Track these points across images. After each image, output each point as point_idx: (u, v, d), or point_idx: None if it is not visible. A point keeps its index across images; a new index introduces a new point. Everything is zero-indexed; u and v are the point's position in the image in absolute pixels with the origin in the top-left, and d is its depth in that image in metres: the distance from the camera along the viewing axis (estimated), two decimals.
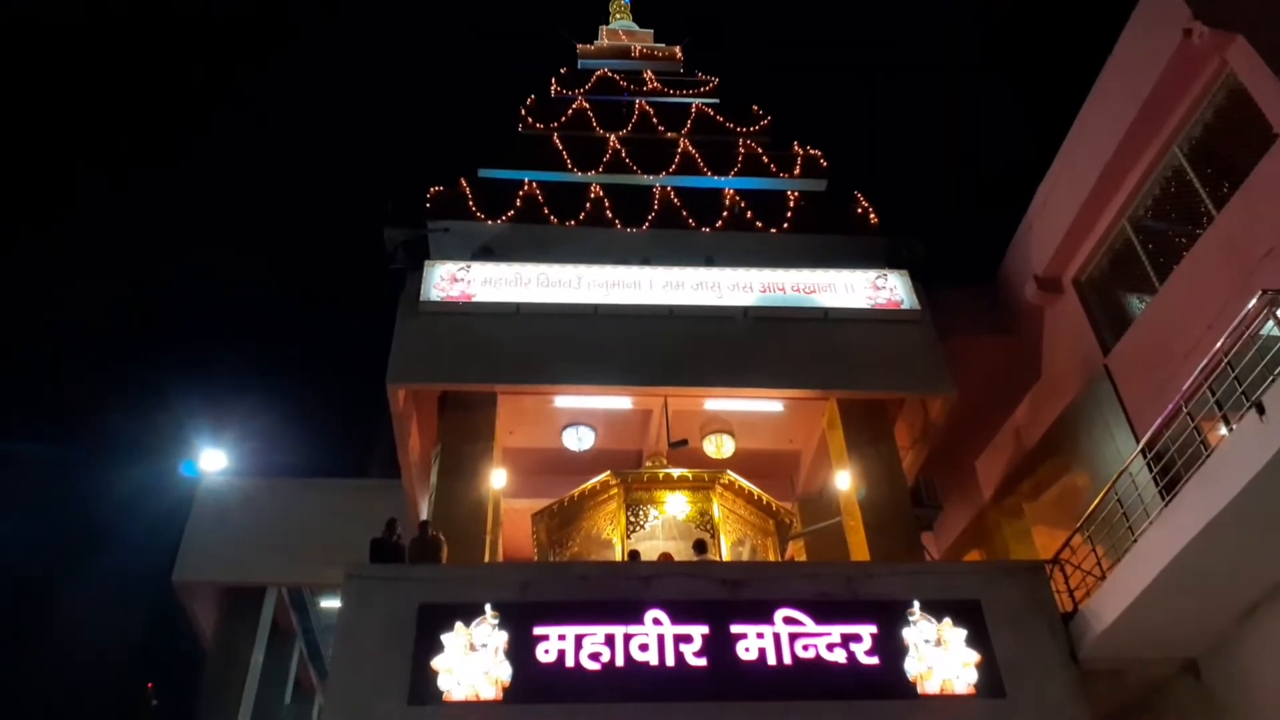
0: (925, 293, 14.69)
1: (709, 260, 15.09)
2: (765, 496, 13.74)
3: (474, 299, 14.18)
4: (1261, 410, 7.83)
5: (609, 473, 13.55)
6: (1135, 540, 9.51)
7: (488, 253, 15.10)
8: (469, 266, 14.59)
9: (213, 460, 17.20)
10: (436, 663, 9.61)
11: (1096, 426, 12.92)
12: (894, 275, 14.88)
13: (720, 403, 14.34)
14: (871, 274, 14.89)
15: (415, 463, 14.57)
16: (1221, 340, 8.79)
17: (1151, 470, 10.07)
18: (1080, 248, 13.73)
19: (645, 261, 14.95)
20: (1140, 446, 10.33)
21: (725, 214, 16.52)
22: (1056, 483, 14.09)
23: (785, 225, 16.40)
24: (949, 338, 14.30)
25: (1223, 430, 8.82)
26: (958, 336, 14.68)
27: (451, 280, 14.38)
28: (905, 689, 9.64)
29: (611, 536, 13.33)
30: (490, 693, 9.49)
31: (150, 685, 23.07)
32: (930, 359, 13.93)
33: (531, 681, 9.59)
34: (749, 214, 16.53)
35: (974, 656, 9.83)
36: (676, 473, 13.59)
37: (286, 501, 16.71)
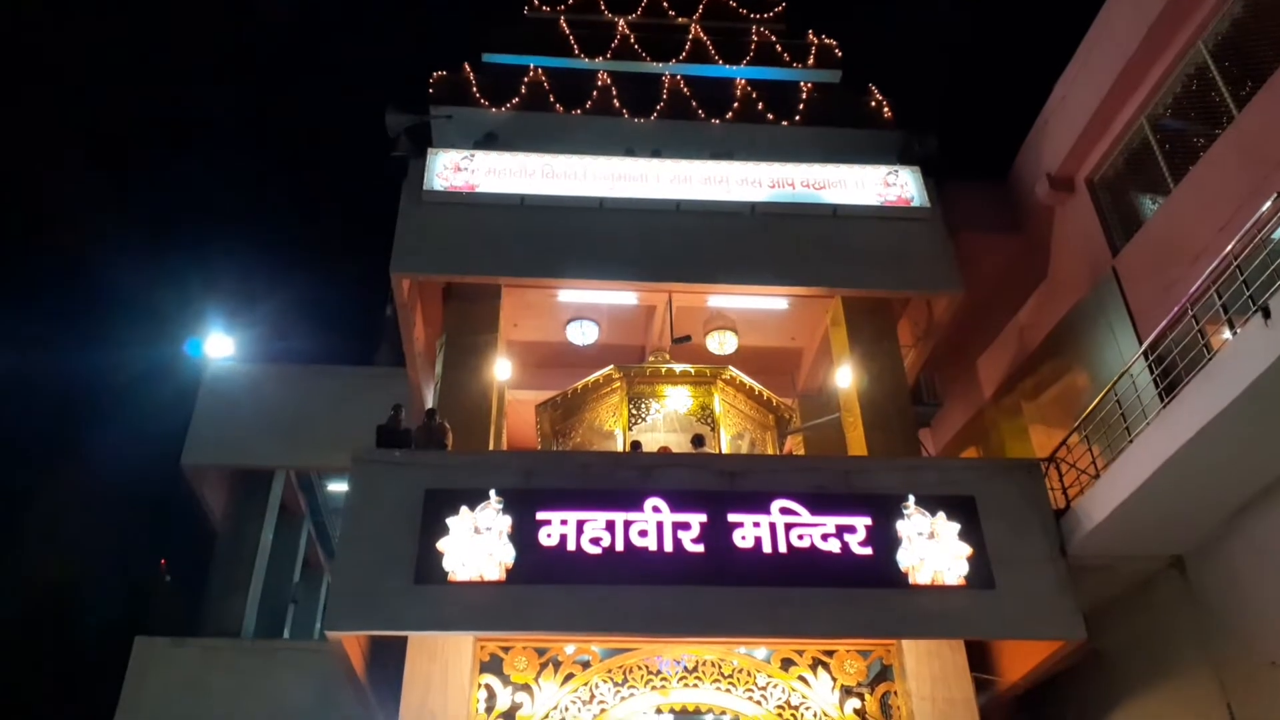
0: (936, 189, 14.49)
1: (720, 154, 14.81)
2: (766, 392, 13.86)
3: (477, 189, 14.01)
4: (1268, 314, 7.81)
5: (612, 367, 13.65)
6: (1131, 440, 9.63)
7: (492, 140, 14.85)
8: (473, 155, 14.36)
9: (218, 346, 17.30)
10: (442, 545, 9.89)
11: (1100, 328, 12.91)
12: (905, 171, 14.65)
13: (724, 299, 14.31)
14: (882, 170, 14.65)
15: (420, 352, 14.66)
16: (1232, 243, 8.71)
17: (1153, 372, 10.12)
18: (1096, 146, 13.46)
19: (656, 154, 14.69)
20: (1143, 348, 10.36)
21: (736, 105, 16.16)
22: (1057, 383, 14.17)
23: (797, 118, 16.06)
24: (957, 234, 14.17)
25: (1226, 334, 8.82)
26: (966, 233, 14.53)
27: (455, 169, 14.18)
28: (897, 579, 9.95)
29: (613, 428, 13.53)
30: (494, 574, 9.80)
31: (164, 563, 23.78)
32: (939, 257, 13.83)
33: (534, 564, 9.90)
34: (760, 105, 16.17)
35: (965, 550, 10.10)
36: (679, 368, 13.68)
37: (293, 387, 16.87)
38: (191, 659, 14.44)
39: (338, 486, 18.13)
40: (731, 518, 10.25)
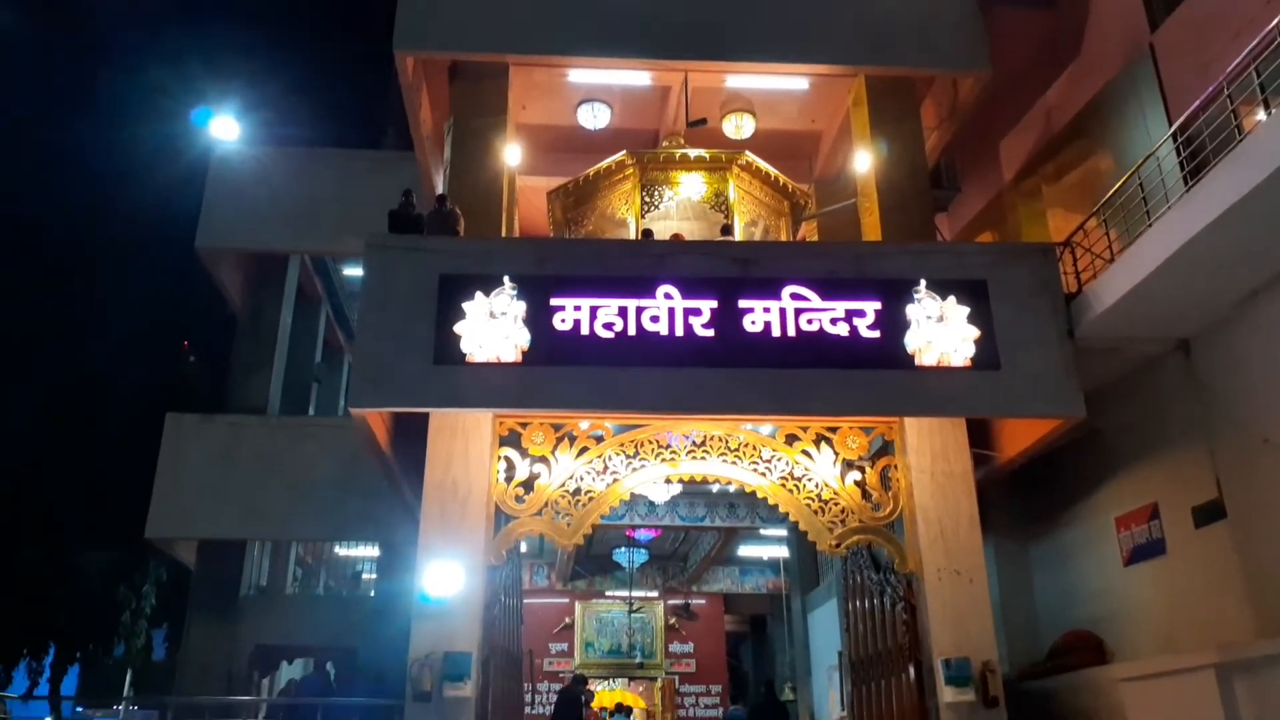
0: None
1: None
2: (782, 178, 13.62)
3: None
4: None
5: (625, 152, 13.35)
6: (1150, 224, 9.53)
7: None
8: None
9: (224, 128, 16.96)
10: (459, 328, 10.09)
11: (1130, 108, 12.46)
12: None
13: (742, 80, 13.78)
14: None
15: (428, 135, 14.34)
16: (1279, 18, 8.25)
17: (1180, 154, 9.85)
18: None
19: None
20: (1172, 130, 10.05)
21: None
22: (1079, 166, 13.84)
23: None
24: (988, 9, 13.43)
25: (1261, 115, 8.52)
26: (997, 8, 13.78)
27: None
28: (903, 360, 10.14)
29: (626, 216, 13.42)
30: (510, 355, 10.06)
31: (186, 344, 24.35)
32: (968, 34, 13.16)
33: (548, 347, 10.13)
34: None
35: (974, 332, 10.23)
36: (694, 153, 13.39)
37: (301, 171, 16.67)
38: (221, 434, 15.10)
39: (353, 271, 18.30)
40: (742, 303, 10.34)
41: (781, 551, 21.16)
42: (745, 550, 21.82)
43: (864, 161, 13.15)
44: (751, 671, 25.53)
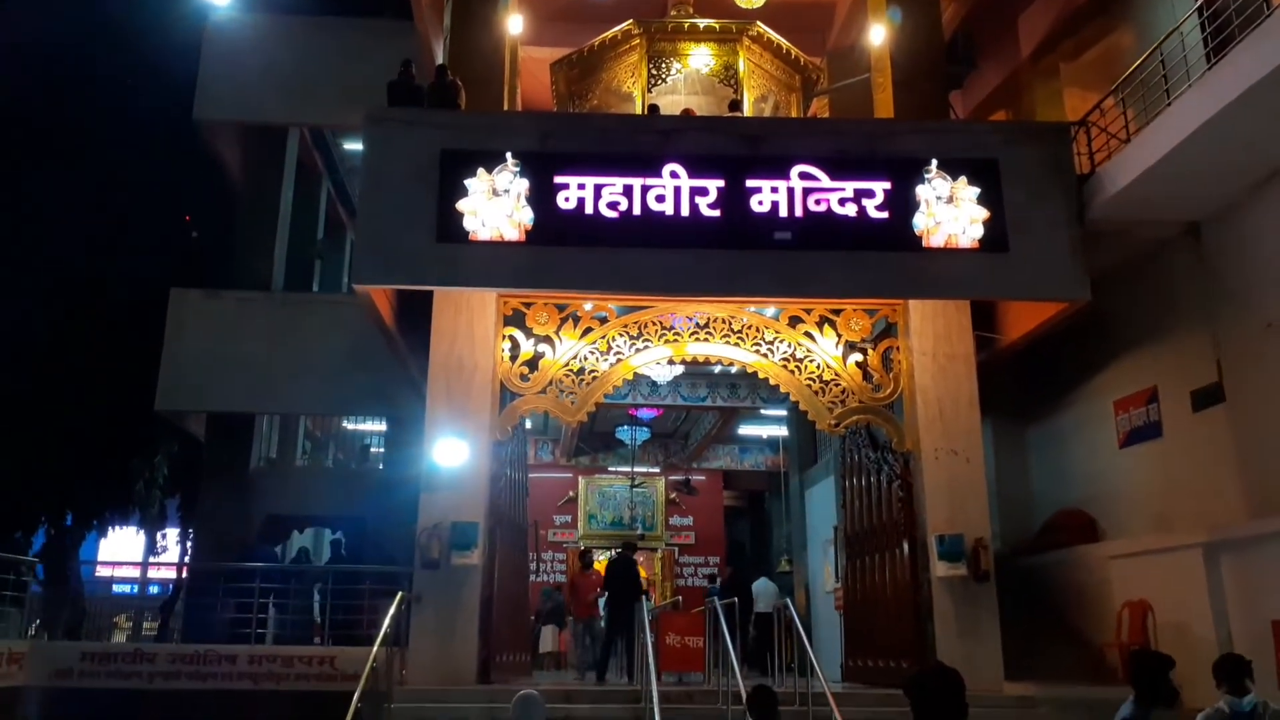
0: None
1: None
2: (794, 51, 13.21)
3: None
4: None
5: (631, 21, 12.93)
6: (1170, 103, 9.28)
7: None
8: None
9: None
10: (461, 205, 9.97)
11: None
12: None
13: None
14: None
15: (427, 2, 13.86)
16: None
17: (1204, 30, 9.51)
18: None
19: None
20: (1198, 4, 9.67)
21: None
22: (1100, 43, 13.36)
23: None
24: None
25: None
26: None
27: None
28: (911, 242, 10.04)
29: (632, 90, 13.09)
30: (513, 234, 9.96)
31: (188, 218, 24.13)
32: None
33: (552, 225, 10.02)
34: None
35: (983, 214, 10.08)
36: (702, 23, 12.94)
37: (298, 40, 16.13)
38: (226, 309, 15.11)
39: (353, 145, 17.96)
40: (750, 183, 10.16)
41: (781, 431, 21.50)
42: (745, 429, 22.17)
43: (878, 34, 12.71)
44: (749, 545, 26.32)
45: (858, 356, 11.12)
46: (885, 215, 10.08)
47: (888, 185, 10.14)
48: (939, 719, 3.18)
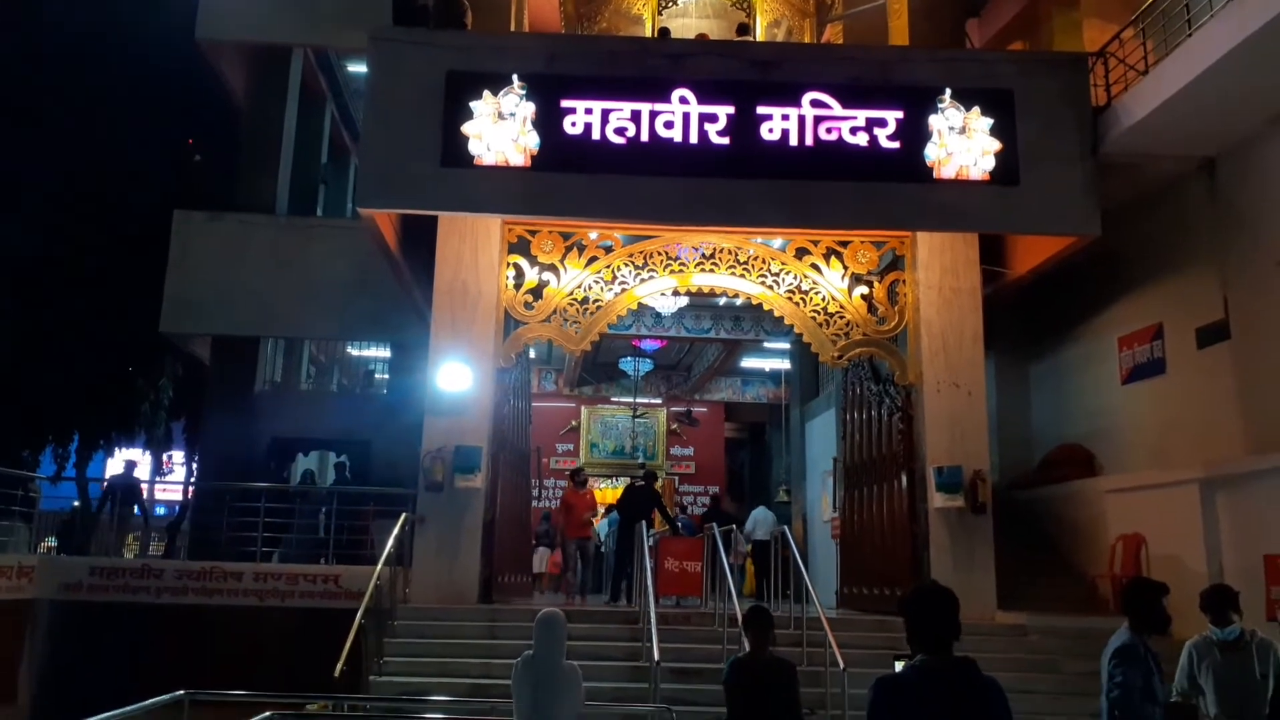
0: None
1: None
2: None
3: None
4: None
5: None
6: (1191, 34, 9.07)
7: None
8: None
9: None
10: (466, 128, 9.84)
11: None
12: None
13: None
14: None
15: None
16: None
17: None
18: None
19: None
20: None
21: None
22: None
23: None
24: None
25: None
26: None
27: None
28: (921, 173, 9.93)
29: (642, 12, 12.84)
30: (519, 159, 9.85)
31: (190, 142, 23.83)
32: None
33: (558, 151, 9.90)
34: None
35: (995, 145, 9.95)
36: None
37: None
38: (230, 231, 15.04)
39: (358, 68, 17.67)
40: (760, 110, 10.00)
41: (783, 364, 21.53)
42: (748, 362, 22.21)
43: None
44: (748, 475, 26.56)
45: (863, 289, 11.08)
46: (896, 145, 9.95)
47: (900, 114, 9.99)
48: (934, 636, 3.24)
